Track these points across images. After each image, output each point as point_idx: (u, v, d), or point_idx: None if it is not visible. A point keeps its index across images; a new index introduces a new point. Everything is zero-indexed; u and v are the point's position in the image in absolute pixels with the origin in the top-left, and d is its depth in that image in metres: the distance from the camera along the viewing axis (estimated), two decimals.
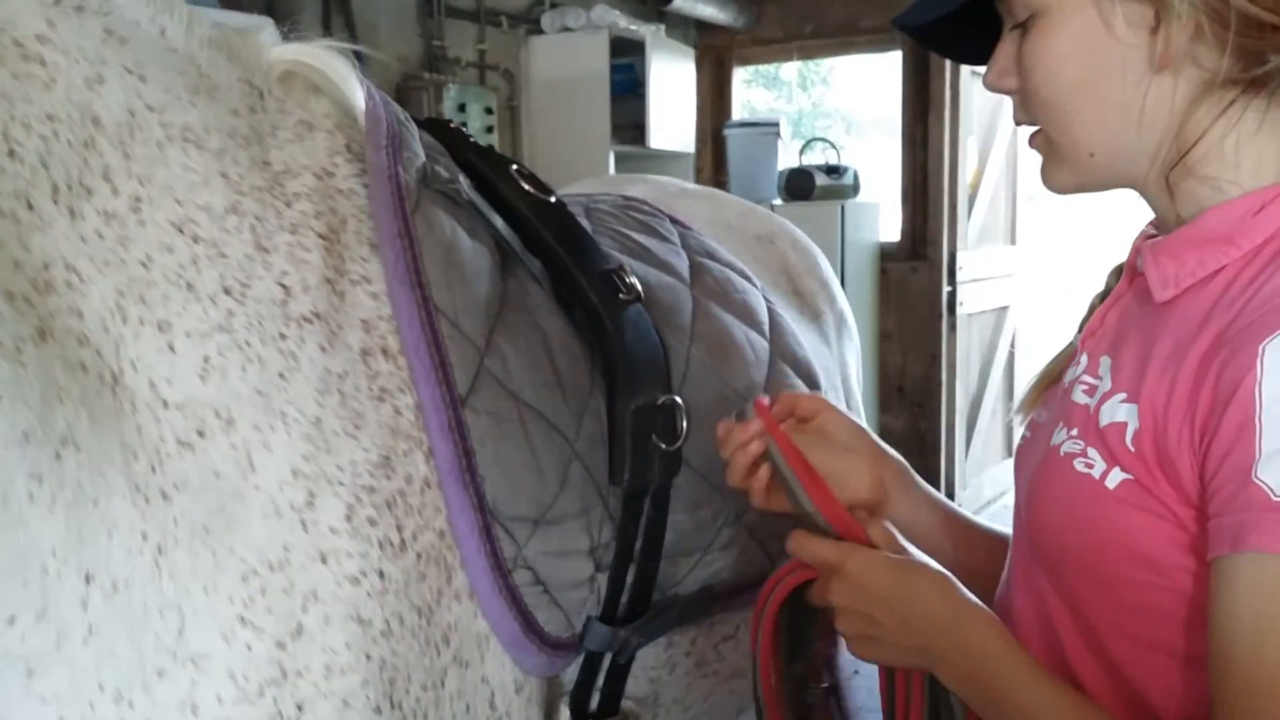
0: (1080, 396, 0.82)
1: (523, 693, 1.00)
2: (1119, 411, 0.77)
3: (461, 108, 3.51)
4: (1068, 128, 0.81)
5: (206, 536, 0.78)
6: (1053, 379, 0.91)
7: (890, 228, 4.88)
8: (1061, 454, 0.81)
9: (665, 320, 1.23)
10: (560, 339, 1.08)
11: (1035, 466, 0.86)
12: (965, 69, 4.64)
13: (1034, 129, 0.84)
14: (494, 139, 3.63)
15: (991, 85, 0.85)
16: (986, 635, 0.82)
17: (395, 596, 0.87)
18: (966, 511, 1.13)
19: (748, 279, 1.46)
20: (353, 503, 0.85)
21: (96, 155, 0.81)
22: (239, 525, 0.80)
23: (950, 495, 4.75)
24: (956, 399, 4.76)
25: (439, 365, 0.94)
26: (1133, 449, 0.75)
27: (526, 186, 1.17)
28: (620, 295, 1.13)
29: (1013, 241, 5.35)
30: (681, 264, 1.38)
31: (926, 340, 4.73)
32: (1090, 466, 0.77)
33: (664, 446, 1.10)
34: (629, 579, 1.10)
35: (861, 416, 1.78)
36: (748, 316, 1.38)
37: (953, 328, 4.73)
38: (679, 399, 1.12)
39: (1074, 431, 0.80)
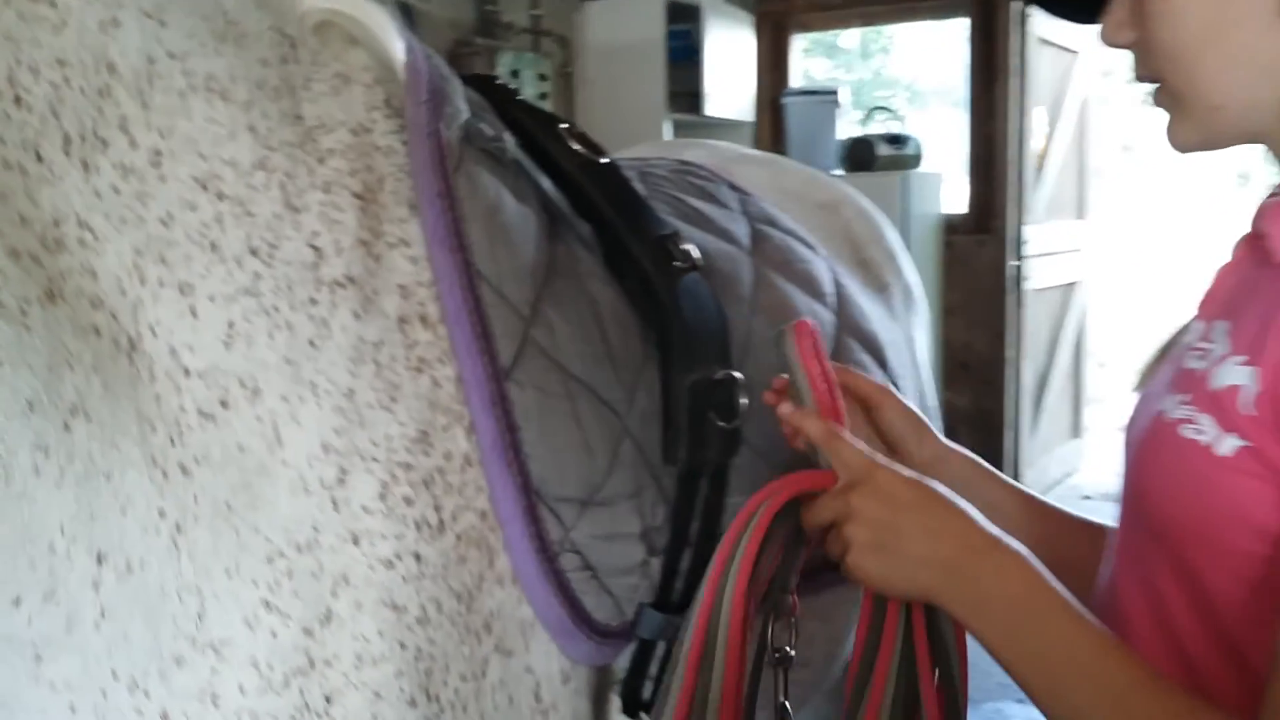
0: (1192, 362, 0.76)
1: (570, 683, 0.94)
2: (1235, 374, 0.71)
3: (515, 74, 3.45)
4: (1192, 79, 0.75)
5: (229, 515, 0.73)
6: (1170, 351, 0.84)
7: (955, 200, 4.74)
8: (1168, 420, 0.75)
9: (724, 290, 1.16)
10: (612, 308, 1.01)
11: (1141, 435, 0.79)
12: (1033, 35, 4.48)
13: (1155, 87, 0.79)
14: (548, 106, 3.56)
15: (1109, 40, 0.80)
16: (1023, 564, 0.78)
17: (433, 581, 0.81)
18: (1054, 501, 1.06)
19: (811, 248, 1.39)
20: (387, 480, 0.80)
21: (113, 104, 0.75)
22: (264, 503, 0.74)
23: (1016, 475, 4.62)
24: (1023, 376, 4.63)
25: (481, 335, 0.88)
26: (1253, 412, 0.69)
27: (576, 146, 1.10)
28: (676, 263, 1.06)
29: (1081, 216, 5.18)
30: (741, 231, 1.30)
31: (992, 316, 4.60)
32: (1200, 433, 0.72)
33: (722, 424, 1.03)
34: (684, 564, 1.04)
35: (932, 392, 1.70)
36: (811, 287, 1.30)
37: (1019, 303, 4.59)
38: (738, 374, 1.05)
39: (1185, 398, 0.74)
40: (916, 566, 0.81)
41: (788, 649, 0.92)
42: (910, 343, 1.66)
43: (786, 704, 0.91)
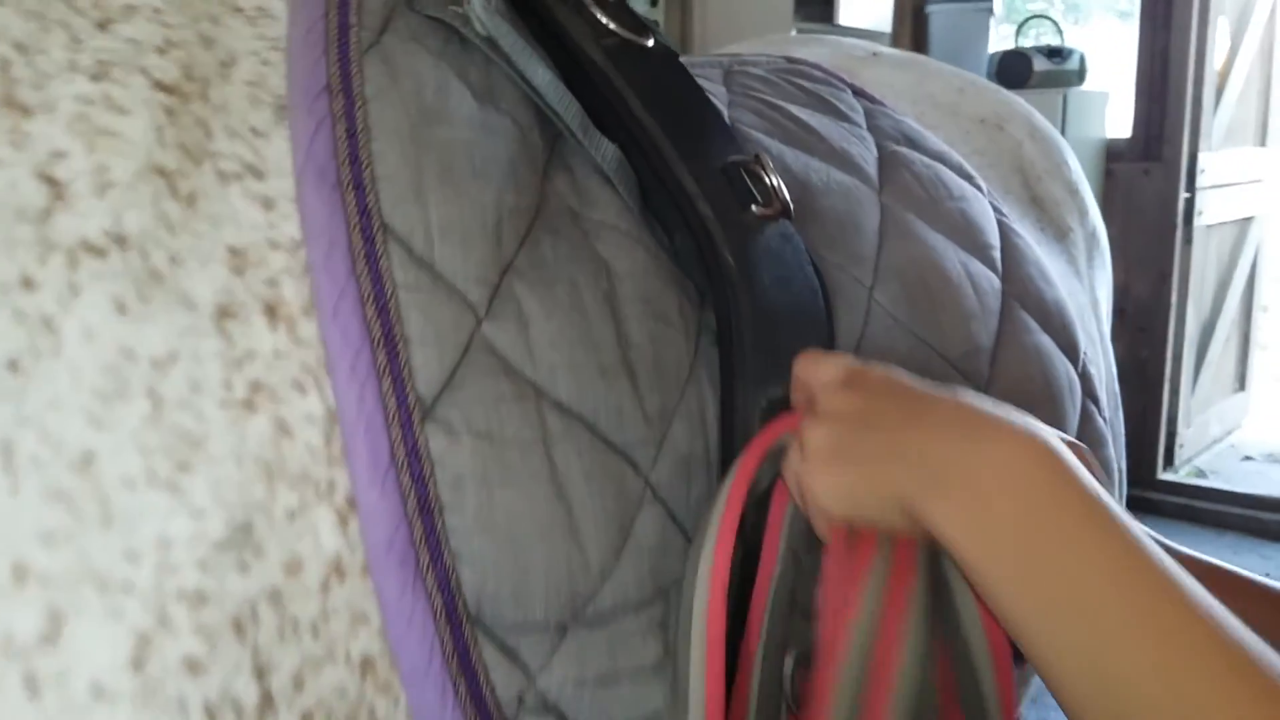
0: None
1: None
2: None
3: None
4: None
5: None
6: None
7: (1120, 122, 4.09)
8: None
9: (834, 245, 0.73)
10: (638, 284, 0.59)
11: None
12: None
13: None
14: (659, 15, 3.10)
15: None
16: (1050, 454, 0.44)
17: None
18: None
19: (969, 178, 0.94)
20: (149, 629, 0.41)
21: None
22: None
23: (1172, 432, 4.05)
24: (1186, 324, 4.02)
25: (380, 340, 0.48)
26: None
27: (605, 20, 0.67)
28: (754, 206, 0.64)
29: (1263, 142, 4.46)
30: (866, 155, 0.86)
31: (1156, 255, 3.97)
32: None
33: None
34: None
35: (1111, 368, 1.24)
36: (968, 237, 0.86)
37: (1188, 241, 3.95)
38: None
39: None
40: (883, 464, 0.48)
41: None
42: (1095, 306, 1.20)
43: None
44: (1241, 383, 4.63)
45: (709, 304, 0.62)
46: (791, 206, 0.65)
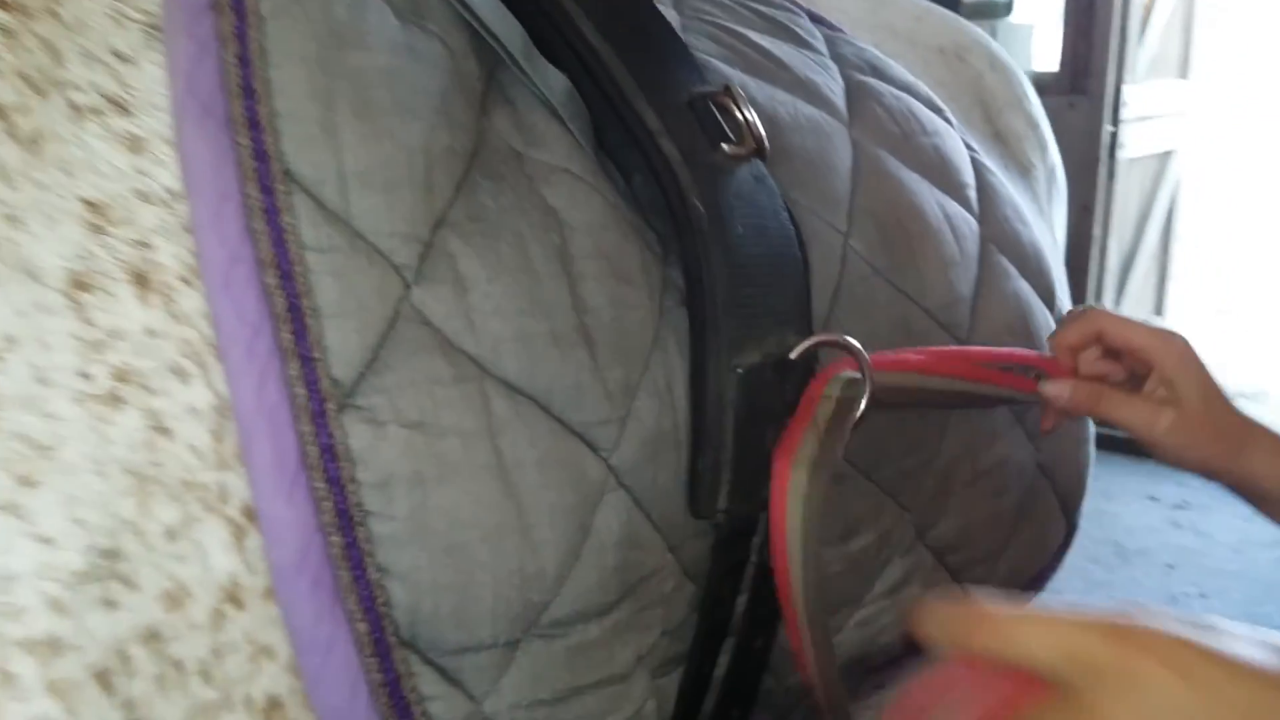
0: None
1: None
2: None
3: None
4: None
5: None
6: None
7: (1046, 56, 4.03)
8: None
9: (804, 186, 0.64)
10: (595, 235, 0.49)
11: None
12: None
13: None
14: None
15: None
16: None
17: None
18: None
19: (938, 111, 0.85)
20: None
21: None
22: None
23: None
24: (1108, 257, 4.01)
25: (284, 314, 0.38)
26: None
27: None
28: (725, 145, 0.54)
29: (1184, 75, 4.44)
30: (833, 86, 0.77)
31: (1080, 189, 3.93)
32: None
33: None
34: (719, 671, 0.56)
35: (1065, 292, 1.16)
36: (944, 175, 0.77)
37: (1112, 174, 3.94)
38: (837, 339, 0.55)
39: None
40: None
41: None
42: (1056, 245, 1.13)
43: None
44: (1159, 313, 4.67)
45: (674, 258, 0.53)
46: (767, 144, 0.56)
